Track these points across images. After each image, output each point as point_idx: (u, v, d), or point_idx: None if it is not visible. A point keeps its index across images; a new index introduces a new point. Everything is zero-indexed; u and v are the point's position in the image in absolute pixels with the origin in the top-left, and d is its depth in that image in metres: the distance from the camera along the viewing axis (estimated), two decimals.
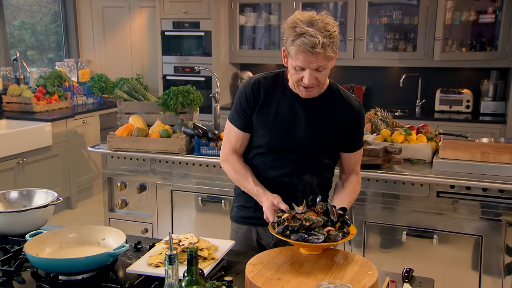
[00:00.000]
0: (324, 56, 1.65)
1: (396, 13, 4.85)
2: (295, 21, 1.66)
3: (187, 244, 1.59)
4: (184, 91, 3.31)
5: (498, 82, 4.66)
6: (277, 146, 1.84)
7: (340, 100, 1.85)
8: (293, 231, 1.55)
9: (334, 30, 1.67)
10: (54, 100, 5.07)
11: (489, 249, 2.57)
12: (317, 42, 1.61)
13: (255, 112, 1.85)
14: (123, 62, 5.86)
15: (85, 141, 4.97)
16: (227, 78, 5.45)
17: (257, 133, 1.87)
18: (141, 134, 3.12)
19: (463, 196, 2.57)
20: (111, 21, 5.85)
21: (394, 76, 4.96)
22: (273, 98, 1.83)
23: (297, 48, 1.64)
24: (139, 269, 1.53)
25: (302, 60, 1.66)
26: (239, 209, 2.01)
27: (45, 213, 1.89)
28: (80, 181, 5.00)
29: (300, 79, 1.72)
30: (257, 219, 1.92)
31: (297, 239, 1.53)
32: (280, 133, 1.82)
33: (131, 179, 3.24)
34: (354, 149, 1.92)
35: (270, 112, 1.83)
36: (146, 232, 3.26)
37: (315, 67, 1.68)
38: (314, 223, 1.55)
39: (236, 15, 5.32)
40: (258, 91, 1.84)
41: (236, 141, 1.90)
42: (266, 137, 1.84)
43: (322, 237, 1.51)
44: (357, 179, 1.96)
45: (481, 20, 4.60)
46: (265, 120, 1.84)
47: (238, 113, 1.87)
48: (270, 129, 1.83)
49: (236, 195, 2.03)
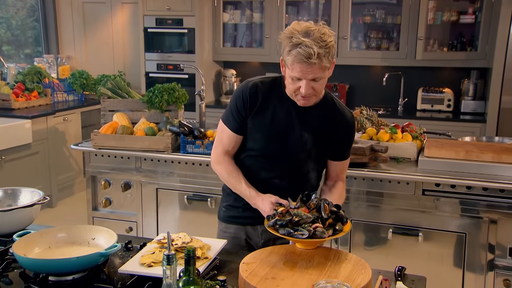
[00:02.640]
0: (320, 66, 1.66)
1: (379, 12, 4.89)
2: (292, 31, 1.66)
3: (180, 244, 1.58)
4: (169, 89, 3.28)
5: (478, 82, 4.75)
6: (270, 151, 1.86)
7: (335, 110, 1.88)
8: (282, 225, 1.57)
9: (331, 40, 1.67)
10: (33, 96, 4.97)
11: (472, 246, 2.62)
12: (312, 53, 1.61)
13: (250, 116, 1.84)
14: (104, 59, 5.78)
15: (66, 139, 4.89)
16: (210, 76, 5.42)
17: (252, 136, 1.86)
18: (126, 132, 3.08)
19: (447, 194, 2.61)
20: (92, 17, 5.76)
21: (377, 75, 5.01)
22: (270, 103, 1.83)
23: (293, 59, 1.65)
24: (131, 269, 1.51)
25: (298, 70, 1.66)
26: (228, 209, 2.00)
27: (31, 213, 1.85)
28: (61, 179, 4.91)
29: (297, 89, 1.73)
30: (245, 219, 1.93)
31: (284, 234, 1.56)
32: (274, 138, 1.84)
33: (115, 177, 3.19)
34: (342, 158, 1.96)
35: (266, 117, 1.83)
36: (131, 230, 3.22)
37: (311, 78, 1.68)
38: (302, 218, 1.57)
39: (219, 13, 5.29)
40: (255, 95, 1.83)
41: (229, 143, 1.89)
42: (261, 142, 1.85)
43: (307, 233, 1.53)
44: (343, 185, 1.99)
45: (461, 21, 4.68)
46: (260, 124, 1.84)
47: (233, 115, 1.86)
48: (265, 134, 1.84)
49: (224, 195, 2.02)
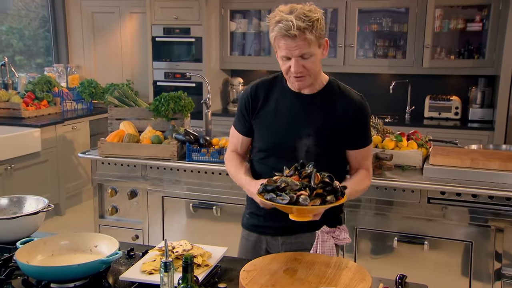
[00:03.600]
0: (303, 39, 1.64)
1: (386, 20, 4.90)
2: (277, 11, 1.69)
3: (181, 251, 1.58)
4: (176, 97, 3.30)
5: (485, 90, 4.72)
6: (281, 145, 1.82)
7: (340, 95, 1.82)
8: (267, 191, 1.57)
9: (315, 16, 1.66)
10: (43, 105, 5.02)
11: (479, 255, 2.59)
12: (291, 25, 1.62)
13: (254, 116, 1.87)
14: (113, 68, 5.83)
15: (74, 147, 4.93)
16: (217, 84, 5.45)
17: (260, 134, 1.88)
18: (132, 140, 3.10)
19: (453, 202, 2.59)
20: (101, 27, 5.83)
21: (384, 83, 5.00)
22: (272, 99, 1.85)
23: (275, 35, 1.67)
24: (132, 277, 1.51)
25: (284, 47, 1.67)
26: (251, 216, 1.99)
27: (36, 220, 1.87)
28: (69, 187, 4.95)
29: (288, 69, 1.72)
30: (266, 228, 1.92)
31: (267, 198, 1.56)
32: (282, 132, 1.81)
33: (122, 185, 3.22)
34: (359, 145, 1.85)
35: (270, 113, 1.84)
36: (137, 238, 3.24)
37: (298, 54, 1.67)
38: (288, 185, 1.56)
39: (227, 22, 5.33)
40: (256, 95, 1.86)
41: (238, 144, 1.96)
42: (268, 138, 1.85)
43: (288, 199, 1.51)
44: (366, 173, 1.88)
45: (469, 29, 4.66)
46: (266, 121, 1.85)
47: (239, 118, 1.92)
48: (272, 129, 1.84)
49: (248, 202, 2.01)
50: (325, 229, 1.87)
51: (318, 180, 1.57)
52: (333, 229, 1.89)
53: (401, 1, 4.77)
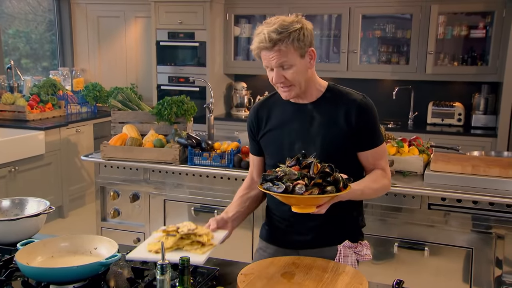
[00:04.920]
0: (278, 51, 1.67)
1: (389, 26, 4.91)
2: (258, 28, 1.75)
3: (186, 230, 1.61)
4: (178, 101, 3.33)
5: (489, 96, 4.72)
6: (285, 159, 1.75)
7: (341, 99, 1.79)
8: (266, 180, 1.57)
9: (294, 27, 1.67)
10: (47, 108, 5.06)
11: (480, 262, 2.59)
12: (263, 38, 1.67)
13: (261, 135, 1.89)
14: (117, 72, 5.87)
15: (78, 150, 4.96)
16: (221, 89, 5.47)
17: (268, 152, 1.89)
18: (135, 143, 3.12)
19: (454, 209, 2.59)
20: (106, 31, 5.87)
21: (387, 88, 5.00)
22: (274, 115, 1.86)
23: (254, 48, 1.74)
24: (140, 256, 1.54)
25: (263, 58, 1.73)
26: (270, 228, 1.97)
27: (37, 222, 1.89)
28: (73, 190, 4.98)
29: (272, 79, 1.76)
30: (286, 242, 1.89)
31: (264, 188, 1.56)
32: (289, 145, 1.81)
33: (124, 188, 3.24)
34: (370, 146, 1.79)
35: (274, 129, 1.85)
36: (138, 241, 3.25)
37: (276, 64, 1.70)
38: (286, 174, 1.55)
39: (231, 26, 5.36)
40: (258, 116, 1.90)
41: (253, 167, 2.00)
42: (277, 153, 1.83)
43: (283, 187, 1.51)
44: (382, 173, 1.81)
45: (472, 35, 4.67)
46: (271, 138, 1.86)
47: (250, 140, 1.98)
48: (278, 144, 1.84)
49: (268, 215, 1.99)
50: (347, 244, 1.82)
51: (317, 170, 1.55)
52: (355, 244, 1.84)
53: (405, 8, 4.78)
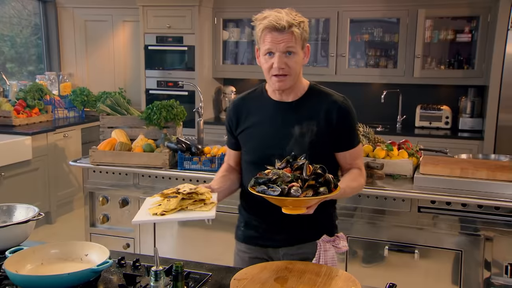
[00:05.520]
0: (291, 33, 1.66)
1: (377, 30, 4.95)
2: (259, 15, 1.74)
3: (188, 190, 1.62)
4: (168, 106, 3.31)
5: (475, 100, 4.77)
6: (265, 156, 1.76)
7: (323, 99, 1.81)
8: (259, 183, 1.55)
9: (302, 20, 1.72)
10: (34, 113, 5.01)
11: (469, 264, 2.61)
12: (282, 18, 1.65)
13: (238, 131, 1.89)
14: (105, 76, 5.83)
15: (66, 155, 4.92)
16: (210, 93, 5.46)
17: (247, 148, 1.89)
18: (124, 148, 3.10)
19: (443, 211, 2.61)
20: (93, 35, 5.83)
21: (376, 92, 5.04)
22: (255, 111, 1.86)
23: (263, 27, 1.68)
24: (146, 219, 1.57)
25: (269, 40, 1.67)
26: (247, 228, 1.94)
27: (26, 229, 1.86)
28: (60, 195, 4.92)
29: (270, 67, 1.71)
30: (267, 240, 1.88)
31: (258, 191, 1.53)
32: (269, 142, 1.80)
33: (113, 193, 3.21)
34: (347, 147, 1.84)
35: (255, 125, 1.85)
36: (128, 247, 3.23)
37: (283, 48, 1.67)
38: (279, 177, 1.54)
39: (219, 30, 5.36)
40: (238, 111, 1.89)
41: (230, 158, 2.02)
42: (256, 150, 1.85)
43: (279, 190, 1.50)
44: (359, 172, 1.85)
45: (458, 39, 4.73)
46: (251, 134, 1.86)
47: (227, 133, 1.98)
48: (258, 141, 1.84)
49: (242, 213, 1.97)
50: (325, 238, 1.85)
51: (310, 172, 1.56)
52: (333, 238, 1.88)
53: (392, 12, 4.82)
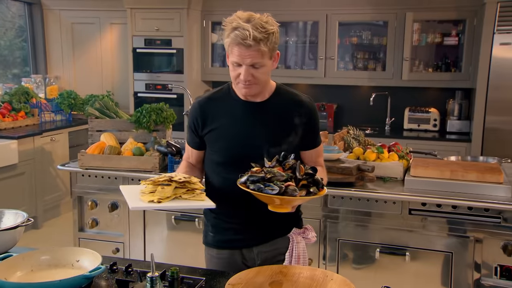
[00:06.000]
0: (257, 50, 1.66)
1: (366, 33, 4.97)
2: (234, 17, 1.70)
3: (183, 179, 1.63)
4: (157, 109, 3.29)
5: (462, 102, 4.82)
6: (238, 156, 1.78)
7: (290, 99, 1.85)
8: (253, 181, 1.55)
9: (271, 28, 1.69)
10: (20, 117, 4.95)
11: (459, 266, 2.62)
12: (248, 35, 1.63)
13: (205, 131, 1.85)
14: (93, 79, 5.78)
15: (53, 159, 4.86)
16: (199, 96, 5.43)
17: (215, 148, 1.85)
18: (114, 152, 3.07)
19: (434, 214, 2.62)
20: (80, 37, 5.78)
21: (364, 94, 5.06)
22: (222, 111, 1.83)
23: (230, 41, 1.68)
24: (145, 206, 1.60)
25: (237, 54, 1.68)
26: (216, 232, 1.93)
27: (15, 235, 1.82)
28: (47, 200, 4.86)
29: (237, 76, 1.73)
30: (239, 241, 1.89)
31: (254, 189, 1.53)
32: (238, 143, 1.80)
33: (102, 197, 3.17)
34: (313, 146, 1.91)
35: (223, 125, 1.82)
36: (118, 252, 3.19)
37: (250, 63, 1.68)
38: (275, 176, 1.55)
39: (208, 33, 5.34)
40: (204, 110, 1.84)
41: (189, 156, 1.97)
42: (225, 150, 1.82)
43: (277, 189, 1.50)
44: (323, 169, 1.94)
45: (445, 42, 4.77)
46: (219, 134, 1.83)
47: (189, 133, 1.92)
48: (227, 141, 1.82)
49: (209, 218, 1.96)
50: (296, 231, 1.91)
51: (302, 172, 1.59)
52: (302, 230, 1.94)
53: (380, 15, 4.85)
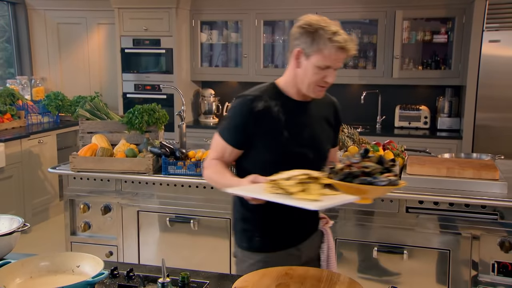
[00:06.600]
0: (347, 55, 1.73)
1: (356, 31, 4.97)
2: (321, 21, 1.70)
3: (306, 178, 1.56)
4: (149, 110, 3.24)
5: (452, 99, 4.85)
6: (289, 154, 1.79)
7: (325, 99, 1.93)
8: (355, 176, 1.57)
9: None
10: (6, 119, 4.85)
11: (456, 263, 2.63)
12: (350, 40, 1.70)
13: (259, 129, 1.77)
14: (80, 80, 5.69)
15: (41, 162, 4.77)
16: (188, 96, 5.39)
17: (267, 146, 1.79)
18: (106, 153, 3.02)
19: (431, 211, 2.62)
20: (67, 38, 5.69)
21: (355, 93, 5.06)
22: (274, 109, 1.78)
23: (331, 45, 1.67)
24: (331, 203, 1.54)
25: (334, 58, 1.69)
26: (265, 236, 1.87)
27: (10, 241, 1.78)
28: (36, 203, 4.77)
29: (320, 79, 1.73)
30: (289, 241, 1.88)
31: (361, 183, 1.54)
32: (291, 140, 1.79)
33: (95, 200, 3.12)
34: (336, 143, 2.04)
35: (275, 123, 1.77)
36: (111, 255, 3.14)
37: (339, 66, 1.75)
38: (374, 168, 1.58)
39: (197, 33, 5.30)
40: (256, 108, 1.76)
41: (225, 154, 1.83)
42: (278, 148, 1.79)
43: (385, 180, 1.54)
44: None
45: (435, 40, 4.79)
46: (272, 132, 1.78)
47: (234, 131, 1.80)
48: (280, 139, 1.78)
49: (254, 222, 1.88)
50: (321, 223, 1.99)
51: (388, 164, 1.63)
52: (325, 220, 2.02)
53: (370, 13, 4.86)
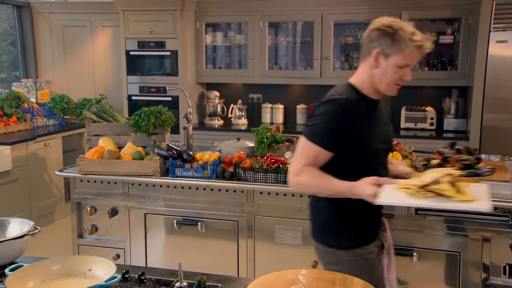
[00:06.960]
0: (425, 52, 1.83)
1: (361, 32, 4.94)
2: (397, 24, 1.79)
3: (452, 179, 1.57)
4: (156, 112, 3.24)
5: (459, 100, 4.83)
6: (376, 152, 1.93)
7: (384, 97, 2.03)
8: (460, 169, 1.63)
9: None
10: (12, 122, 4.85)
11: (467, 265, 2.61)
12: (426, 38, 1.79)
13: (352, 131, 1.83)
14: (85, 83, 5.69)
15: (47, 164, 4.76)
16: (193, 98, 5.38)
17: (360, 147, 1.86)
18: (113, 156, 3.01)
19: (440, 213, 2.61)
20: (72, 40, 5.69)
21: None
22: (359, 110, 1.85)
23: (413, 45, 1.77)
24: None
25: (415, 57, 1.79)
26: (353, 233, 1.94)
27: (22, 244, 1.77)
28: (42, 206, 4.76)
29: (399, 78, 1.83)
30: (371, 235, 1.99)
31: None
32: (378, 139, 1.92)
33: (102, 203, 3.11)
34: None
35: (363, 122, 1.86)
36: (118, 258, 3.13)
37: (415, 64, 1.85)
38: (471, 160, 1.64)
39: (202, 35, 5.29)
40: (350, 111, 1.82)
41: (318, 159, 1.84)
42: (368, 147, 1.89)
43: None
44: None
45: (441, 41, 4.77)
46: (367, 132, 1.87)
47: (328, 134, 1.82)
48: (370, 138, 1.88)
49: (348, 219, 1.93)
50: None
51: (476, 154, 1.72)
52: None
53: (376, 14, 4.75)
